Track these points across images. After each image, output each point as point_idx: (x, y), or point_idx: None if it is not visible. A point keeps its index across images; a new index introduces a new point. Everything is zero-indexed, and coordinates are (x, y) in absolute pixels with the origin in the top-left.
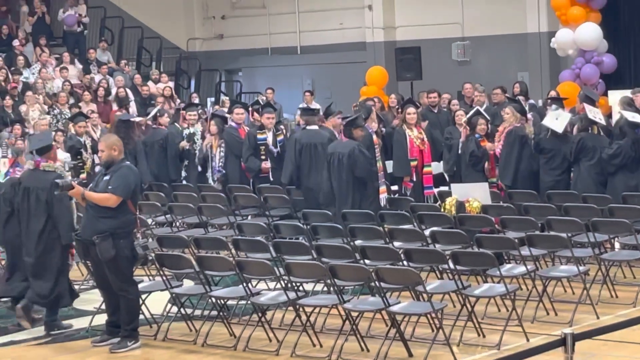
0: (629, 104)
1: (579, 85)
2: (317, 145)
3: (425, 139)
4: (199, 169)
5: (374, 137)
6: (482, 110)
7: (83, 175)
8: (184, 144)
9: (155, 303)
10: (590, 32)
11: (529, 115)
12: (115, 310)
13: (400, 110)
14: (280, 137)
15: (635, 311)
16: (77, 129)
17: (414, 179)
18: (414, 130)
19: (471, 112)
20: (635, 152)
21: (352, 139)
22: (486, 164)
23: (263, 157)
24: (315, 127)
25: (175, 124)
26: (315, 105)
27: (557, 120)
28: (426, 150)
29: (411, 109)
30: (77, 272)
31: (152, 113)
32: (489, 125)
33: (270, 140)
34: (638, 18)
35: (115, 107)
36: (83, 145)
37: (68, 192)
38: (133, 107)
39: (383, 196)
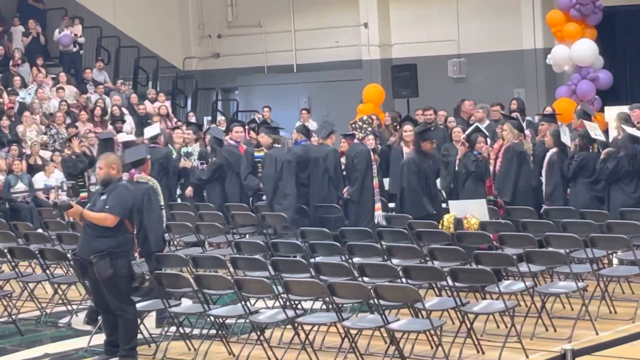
0: (625, 120)
1: (575, 102)
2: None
3: None
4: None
5: (372, 154)
6: (481, 126)
7: (83, 195)
8: (185, 162)
9: (154, 322)
10: (586, 49)
11: (527, 132)
12: (114, 330)
13: (397, 127)
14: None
15: (634, 327)
16: (73, 149)
17: None
18: (411, 148)
19: (470, 129)
20: (633, 167)
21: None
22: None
23: (260, 174)
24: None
25: (168, 144)
26: (312, 123)
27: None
28: None
29: (408, 127)
30: (75, 292)
31: (152, 134)
32: (488, 142)
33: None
34: (633, 34)
35: (110, 126)
36: (86, 164)
37: (66, 211)
38: (128, 126)
39: (378, 213)
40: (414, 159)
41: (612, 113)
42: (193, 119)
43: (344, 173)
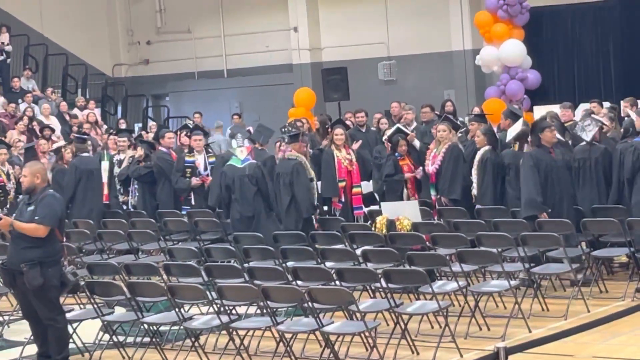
0: (555, 118)
1: (505, 102)
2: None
3: (354, 160)
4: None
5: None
6: (402, 127)
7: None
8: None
9: (87, 331)
10: (514, 49)
11: (458, 133)
12: (45, 341)
13: (328, 130)
14: (212, 159)
15: (567, 324)
16: None
17: (343, 200)
18: (342, 151)
19: (392, 130)
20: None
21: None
22: (405, 190)
23: (188, 178)
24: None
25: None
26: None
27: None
28: (355, 170)
29: (339, 130)
30: (7, 302)
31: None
32: (419, 143)
33: (201, 163)
34: (560, 34)
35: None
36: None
37: None
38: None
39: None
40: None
41: (541, 112)
42: (123, 126)
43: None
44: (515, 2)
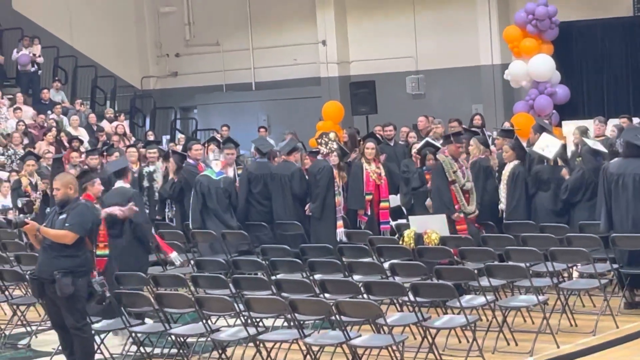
0: (585, 133)
1: (533, 117)
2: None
3: (383, 174)
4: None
5: (335, 170)
6: (432, 141)
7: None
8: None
9: (114, 342)
10: (543, 64)
11: (492, 148)
12: (73, 350)
13: (360, 143)
14: (240, 172)
15: (595, 339)
16: (25, 168)
17: (369, 213)
18: (372, 165)
19: (421, 143)
20: (593, 181)
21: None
22: (428, 201)
23: None
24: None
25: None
26: (270, 141)
27: (547, 147)
28: (383, 185)
29: (370, 144)
30: (35, 312)
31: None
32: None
33: (231, 175)
34: (590, 48)
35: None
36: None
37: (22, 228)
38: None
39: (340, 230)
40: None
41: (570, 127)
42: (152, 138)
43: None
44: (544, 17)
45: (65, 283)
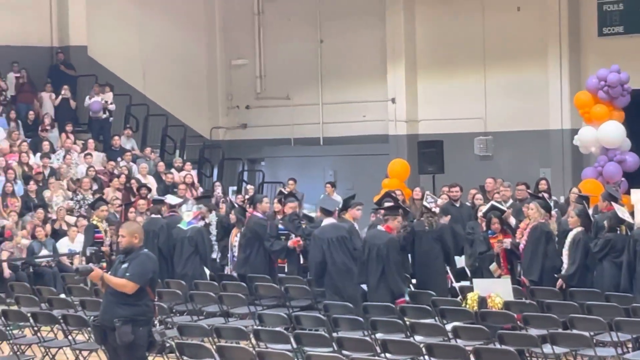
0: None
1: (602, 183)
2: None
3: None
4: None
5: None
6: (497, 204)
7: (103, 265)
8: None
9: None
10: (613, 131)
11: (553, 212)
12: None
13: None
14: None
15: None
16: (98, 214)
17: None
18: None
19: (487, 206)
20: None
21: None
22: (492, 266)
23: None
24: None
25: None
26: (336, 197)
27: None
28: None
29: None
30: (96, 358)
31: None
32: (515, 221)
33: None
34: None
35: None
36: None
37: (87, 276)
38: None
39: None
40: None
41: (638, 196)
42: (219, 189)
43: None
44: (616, 84)
45: (125, 331)
